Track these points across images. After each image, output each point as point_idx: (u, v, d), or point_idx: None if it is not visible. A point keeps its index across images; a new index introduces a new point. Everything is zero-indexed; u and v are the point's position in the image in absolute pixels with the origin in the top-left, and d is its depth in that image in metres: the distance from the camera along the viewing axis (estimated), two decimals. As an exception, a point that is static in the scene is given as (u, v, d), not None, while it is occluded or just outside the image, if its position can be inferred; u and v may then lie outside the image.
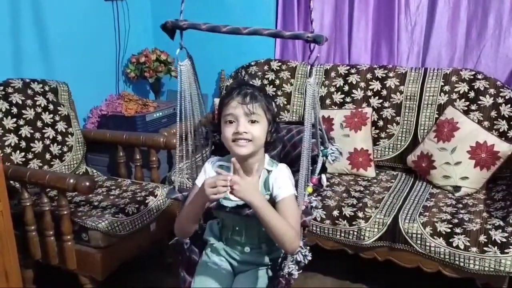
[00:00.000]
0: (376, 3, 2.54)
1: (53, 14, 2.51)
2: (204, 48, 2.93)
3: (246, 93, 1.26)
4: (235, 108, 1.25)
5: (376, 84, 2.46)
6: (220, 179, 1.16)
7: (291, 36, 1.22)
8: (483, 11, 2.34)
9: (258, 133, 1.26)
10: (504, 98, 2.22)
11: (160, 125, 2.71)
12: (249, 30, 1.22)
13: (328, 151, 1.44)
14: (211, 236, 1.46)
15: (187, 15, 3.43)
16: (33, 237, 1.94)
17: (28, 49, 2.42)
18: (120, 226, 1.95)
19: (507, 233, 1.77)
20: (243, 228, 1.37)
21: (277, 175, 1.31)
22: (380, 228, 1.95)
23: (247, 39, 1.39)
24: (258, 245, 1.39)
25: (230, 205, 1.32)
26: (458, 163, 2.13)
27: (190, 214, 1.30)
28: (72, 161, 2.38)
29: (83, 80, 2.70)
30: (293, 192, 1.29)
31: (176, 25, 1.28)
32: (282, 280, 1.31)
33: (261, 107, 1.27)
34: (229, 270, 1.42)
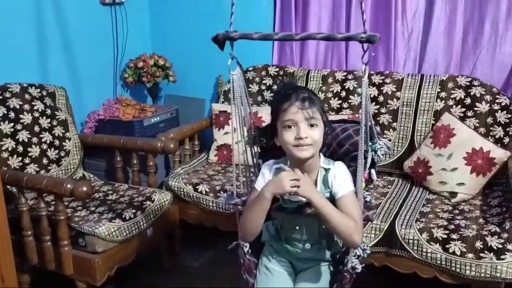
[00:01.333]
0: (373, 10, 2.56)
1: (52, 18, 2.52)
2: (202, 53, 2.95)
3: (304, 98, 1.28)
4: (295, 114, 1.28)
5: (373, 90, 2.48)
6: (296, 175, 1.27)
7: (345, 38, 1.25)
8: (479, 18, 2.36)
9: (318, 137, 1.30)
10: (500, 105, 2.23)
11: (157, 130, 2.71)
12: (301, 35, 1.25)
13: (377, 146, 1.45)
14: (269, 237, 1.50)
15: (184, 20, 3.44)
16: (30, 242, 1.94)
17: (26, 53, 2.43)
18: (117, 231, 1.95)
19: (503, 239, 1.78)
20: (303, 227, 1.41)
21: (336, 172, 1.35)
22: (377, 234, 1.95)
23: (244, 44, 1.39)
24: (319, 240, 1.43)
25: (291, 206, 1.37)
26: (455, 169, 2.14)
27: (258, 215, 1.32)
28: (69, 165, 2.38)
29: (81, 85, 2.71)
30: (352, 189, 1.33)
31: (227, 36, 1.30)
32: (347, 274, 1.35)
33: (318, 110, 1.30)
34: (291, 270, 1.47)
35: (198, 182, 2.37)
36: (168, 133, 2.51)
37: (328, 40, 1.30)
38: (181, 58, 3.07)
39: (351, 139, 1.46)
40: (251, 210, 1.34)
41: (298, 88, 1.35)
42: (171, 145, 2.31)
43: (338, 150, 1.49)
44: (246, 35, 1.30)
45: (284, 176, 1.27)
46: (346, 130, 1.48)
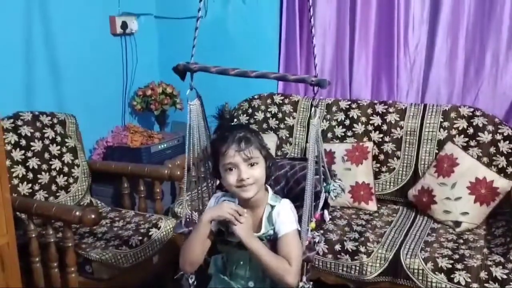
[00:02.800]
0: (376, 41, 2.62)
1: (63, 47, 2.59)
2: (208, 81, 3.00)
3: (240, 138, 1.30)
4: (234, 157, 1.30)
5: (377, 119, 2.52)
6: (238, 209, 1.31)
7: (296, 80, 1.29)
8: (480, 50, 2.41)
9: (259, 175, 1.32)
10: (502, 135, 2.27)
11: (164, 156, 2.75)
12: (256, 73, 1.31)
13: (330, 187, 1.48)
14: (216, 270, 1.49)
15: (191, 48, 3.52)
16: (37, 269, 1.95)
17: (38, 81, 2.49)
18: (123, 258, 1.97)
19: (507, 270, 1.78)
20: (247, 262, 1.40)
21: (280, 210, 1.36)
22: (382, 263, 1.96)
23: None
24: (262, 279, 1.42)
25: (236, 240, 1.36)
26: (458, 198, 2.16)
27: (196, 241, 1.34)
28: (77, 192, 2.42)
29: (91, 112, 2.76)
30: (295, 227, 1.34)
31: (187, 68, 1.38)
32: None
33: (257, 148, 1.32)
34: None
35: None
36: (174, 160, 2.54)
37: (281, 80, 1.37)
38: (188, 86, 3.12)
39: None
40: (190, 237, 1.37)
41: (234, 128, 1.35)
42: (177, 172, 2.34)
43: (296, 187, 1.52)
44: (205, 68, 1.38)
45: (225, 203, 1.33)
46: (304, 168, 1.47)
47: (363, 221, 2.26)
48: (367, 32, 2.61)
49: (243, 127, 1.38)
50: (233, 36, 2.96)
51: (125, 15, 2.92)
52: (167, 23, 3.16)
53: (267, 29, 2.90)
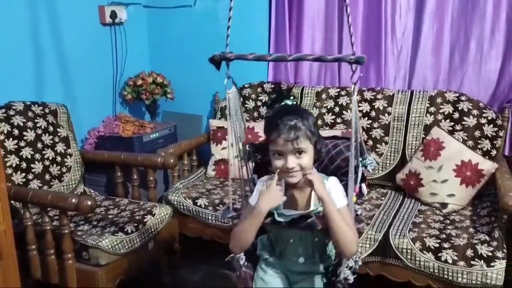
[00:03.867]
0: (363, 29, 2.67)
1: (53, 38, 2.59)
2: (198, 71, 3.04)
3: (290, 127, 1.31)
4: (282, 146, 1.32)
5: (365, 105, 2.57)
6: None
7: (334, 59, 1.33)
8: (465, 37, 2.47)
9: (306, 162, 1.35)
10: (487, 119, 2.34)
11: (156, 145, 2.77)
12: (293, 57, 1.33)
13: (367, 161, 1.51)
14: (264, 251, 1.54)
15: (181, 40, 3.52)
16: (34, 256, 1.98)
17: (28, 72, 2.49)
18: (119, 245, 2.00)
19: (492, 247, 1.85)
20: (297, 240, 1.46)
21: (330, 187, 1.40)
22: (372, 244, 2.02)
23: (241, 62, 1.48)
24: (312, 255, 1.48)
25: (286, 220, 1.40)
26: (445, 181, 2.23)
27: (251, 228, 1.36)
28: (71, 181, 2.43)
29: (81, 102, 2.77)
30: (347, 203, 1.39)
31: (224, 57, 1.38)
32: (340, 285, 1.40)
33: (306, 137, 1.33)
34: (285, 282, 1.51)
35: (197, 196, 2.43)
36: (167, 148, 2.57)
37: (319, 61, 1.38)
38: (179, 76, 3.15)
39: (342, 155, 1.53)
40: (246, 223, 1.37)
41: (286, 114, 1.35)
42: (171, 160, 2.37)
43: (330, 165, 1.55)
44: (241, 56, 1.38)
45: (274, 188, 1.34)
46: (337, 146, 1.55)
47: (362, 216, 2.29)
48: (355, 20, 2.64)
49: (295, 112, 1.36)
50: (222, 25, 2.98)
51: (114, 4, 2.93)
52: (156, 13, 3.17)
53: (256, 18, 2.91)
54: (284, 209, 1.40)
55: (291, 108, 1.41)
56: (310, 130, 1.34)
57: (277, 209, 1.40)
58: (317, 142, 1.38)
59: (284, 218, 1.40)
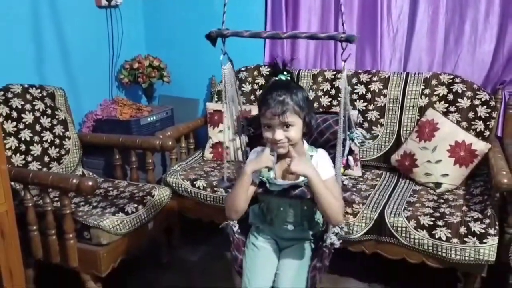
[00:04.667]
0: (360, 12, 2.68)
1: (49, 21, 2.59)
2: (195, 54, 3.04)
3: (278, 102, 1.37)
4: (270, 119, 1.40)
5: (361, 88, 2.60)
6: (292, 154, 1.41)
7: (327, 37, 1.37)
8: (460, 19, 2.49)
9: (293, 135, 1.42)
10: (480, 100, 2.37)
11: (154, 129, 2.79)
12: (287, 34, 1.39)
13: (354, 135, 1.57)
14: (255, 219, 1.64)
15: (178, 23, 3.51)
16: (35, 237, 2.00)
17: (24, 55, 2.49)
18: (120, 225, 2.03)
19: (485, 225, 1.90)
20: (287, 208, 1.55)
21: (319, 159, 1.49)
22: (368, 222, 2.07)
23: (237, 45, 1.51)
24: (301, 222, 1.58)
25: (277, 189, 1.49)
26: (439, 161, 2.27)
27: (239, 191, 1.45)
28: (69, 164, 2.45)
29: (78, 85, 2.77)
30: (334, 173, 1.47)
31: (220, 33, 1.42)
32: (326, 250, 1.48)
33: (294, 112, 1.39)
34: (275, 247, 1.62)
35: (195, 178, 2.46)
36: (165, 131, 2.59)
37: (312, 39, 1.42)
38: (175, 59, 3.15)
39: (331, 129, 1.61)
40: (234, 188, 1.48)
41: (275, 89, 1.40)
42: (169, 143, 2.39)
43: (319, 138, 1.62)
44: (237, 33, 1.42)
45: (265, 154, 1.42)
46: (327, 120, 1.63)
47: (349, 186, 2.35)
48: (351, 2, 2.66)
49: (285, 87, 1.41)
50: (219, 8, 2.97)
51: (110, -13, 2.92)
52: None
53: (252, 2, 2.92)
54: (276, 179, 1.49)
55: (283, 83, 1.45)
56: (298, 105, 1.40)
57: (269, 179, 1.49)
58: (306, 116, 1.43)
59: (276, 188, 1.50)
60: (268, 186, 1.50)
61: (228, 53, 1.47)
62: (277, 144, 1.42)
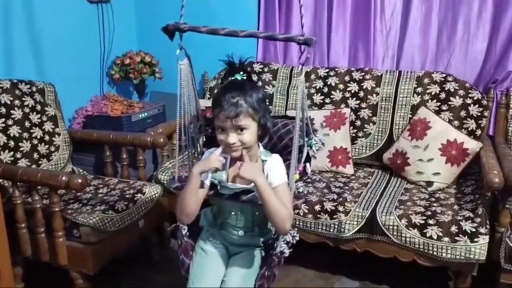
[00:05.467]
0: (353, 9, 2.67)
1: (39, 16, 2.55)
2: (188, 50, 3.01)
3: (231, 104, 1.33)
4: (223, 122, 1.35)
5: (354, 86, 2.59)
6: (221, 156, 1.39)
7: (285, 39, 1.33)
8: (453, 18, 2.49)
9: (247, 139, 1.38)
10: (472, 99, 2.37)
11: (145, 125, 2.76)
12: (245, 33, 1.33)
13: (312, 141, 1.57)
14: (206, 222, 1.59)
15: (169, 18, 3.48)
16: (24, 234, 1.97)
17: (14, 50, 2.45)
18: (110, 222, 2.01)
19: (476, 224, 1.90)
20: (238, 213, 1.51)
21: (272, 164, 1.44)
22: (359, 221, 2.06)
23: (229, 41, 1.49)
24: (251, 228, 1.53)
25: (228, 192, 1.46)
26: (431, 160, 2.27)
27: (188, 193, 1.40)
28: (59, 160, 2.42)
29: (68, 81, 2.73)
30: (286, 180, 1.43)
31: (177, 27, 1.38)
32: (275, 258, 1.44)
33: (248, 114, 1.35)
34: (224, 252, 1.56)
35: (187, 176, 2.44)
36: (157, 128, 2.56)
37: (270, 39, 1.39)
38: (167, 55, 3.10)
39: (290, 134, 1.58)
40: (184, 190, 1.43)
41: (229, 90, 1.36)
42: (160, 139, 2.37)
43: (279, 143, 1.60)
44: (195, 28, 1.38)
45: (213, 155, 1.38)
46: (287, 125, 1.60)
47: (341, 184, 2.35)
48: (344, 0, 2.65)
49: (240, 88, 1.36)
50: (211, 3, 2.95)
51: (101, -19, 2.89)
52: (144, -10, 3.13)
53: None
54: (228, 182, 1.45)
55: (238, 84, 1.40)
56: (253, 107, 1.35)
57: (221, 182, 1.45)
58: (262, 118, 1.40)
59: (227, 191, 1.46)
60: (219, 189, 1.46)
61: (222, 54, 1.44)
62: (231, 148, 1.38)
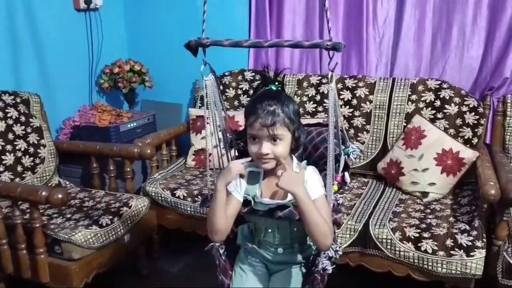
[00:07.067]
0: (345, 15, 2.62)
1: (24, 24, 2.50)
2: (178, 58, 2.95)
3: (268, 112, 1.28)
4: (258, 130, 1.29)
5: (347, 93, 2.53)
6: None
7: (311, 45, 1.27)
8: (447, 24, 2.43)
9: (280, 151, 1.32)
10: (468, 107, 2.31)
11: (134, 135, 2.71)
12: (270, 43, 1.28)
13: (349, 149, 1.48)
14: (244, 240, 1.52)
15: (160, 26, 3.44)
16: (5, 251, 1.92)
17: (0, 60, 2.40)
18: (93, 238, 1.94)
19: (472, 237, 1.84)
20: (275, 230, 1.43)
21: (307, 177, 1.37)
22: (352, 234, 2.00)
23: (220, 49, 1.43)
24: (291, 245, 1.46)
25: (263, 208, 1.38)
26: (426, 170, 2.21)
27: (216, 209, 1.35)
28: (45, 173, 2.36)
29: (55, 91, 2.69)
30: (323, 193, 1.35)
31: (200, 43, 1.33)
32: (318, 276, 1.37)
33: (284, 124, 1.30)
34: (265, 271, 1.49)
35: (175, 187, 2.38)
36: (145, 138, 2.50)
37: (295, 47, 1.33)
38: (157, 63, 3.07)
39: (325, 143, 1.48)
40: (211, 206, 1.37)
41: (265, 98, 1.32)
42: (148, 151, 2.31)
43: (314, 153, 1.52)
44: (217, 42, 1.33)
45: (231, 163, 1.35)
46: (321, 133, 1.52)
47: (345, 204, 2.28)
48: (336, 6, 2.59)
49: (276, 98, 1.31)
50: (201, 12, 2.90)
51: (89, -11, 2.83)
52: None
53: (236, 3, 2.85)
54: (262, 197, 1.38)
55: (273, 94, 1.35)
56: (289, 117, 1.31)
57: (254, 198, 1.38)
58: (296, 130, 1.34)
59: (261, 207, 1.39)
60: (253, 205, 1.39)
61: (211, 62, 1.39)
62: (263, 159, 1.32)
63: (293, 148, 1.37)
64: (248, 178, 1.41)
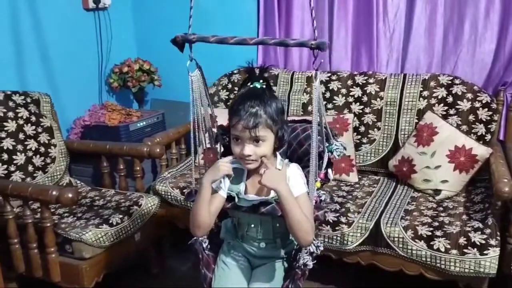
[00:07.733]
0: (355, 11, 2.58)
1: (34, 25, 2.51)
2: (187, 56, 2.95)
3: (250, 114, 1.28)
4: (240, 132, 1.30)
5: (357, 90, 2.50)
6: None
7: (296, 44, 1.27)
8: (459, 18, 2.39)
9: (263, 151, 1.33)
10: (481, 102, 2.27)
11: (144, 134, 2.71)
12: (255, 40, 1.29)
13: (333, 147, 1.49)
14: (227, 234, 1.54)
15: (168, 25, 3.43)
16: (16, 250, 1.92)
17: (8, 60, 2.42)
18: (104, 237, 1.95)
19: (486, 235, 1.81)
20: (258, 225, 1.45)
21: (290, 174, 1.38)
22: (363, 232, 1.97)
23: (229, 47, 1.43)
24: (273, 240, 1.48)
25: (246, 205, 1.40)
26: (438, 167, 2.17)
27: (200, 205, 1.36)
28: (56, 172, 2.37)
29: (65, 91, 2.70)
30: (306, 190, 1.37)
31: (186, 39, 1.35)
32: (298, 271, 1.38)
33: (266, 126, 1.30)
34: (247, 265, 1.51)
35: (185, 186, 2.38)
36: (154, 137, 2.50)
37: (281, 45, 1.33)
38: (166, 62, 3.05)
39: (310, 140, 1.46)
40: (195, 201, 1.39)
41: (248, 99, 1.31)
42: (157, 150, 2.31)
43: (298, 149, 1.54)
44: (203, 38, 1.34)
45: (220, 162, 1.35)
46: (306, 130, 1.53)
47: (344, 193, 2.27)
48: (346, 2, 2.56)
49: (259, 98, 1.31)
50: (209, 8, 2.89)
51: (97, -12, 2.84)
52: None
53: (244, 1, 2.83)
54: (245, 194, 1.40)
55: (256, 93, 1.34)
56: (272, 118, 1.31)
57: (238, 194, 1.40)
58: (279, 130, 1.35)
59: (245, 203, 1.40)
60: (236, 201, 1.41)
61: (221, 59, 1.39)
62: (245, 160, 1.33)
63: (276, 147, 1.38)
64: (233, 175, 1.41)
